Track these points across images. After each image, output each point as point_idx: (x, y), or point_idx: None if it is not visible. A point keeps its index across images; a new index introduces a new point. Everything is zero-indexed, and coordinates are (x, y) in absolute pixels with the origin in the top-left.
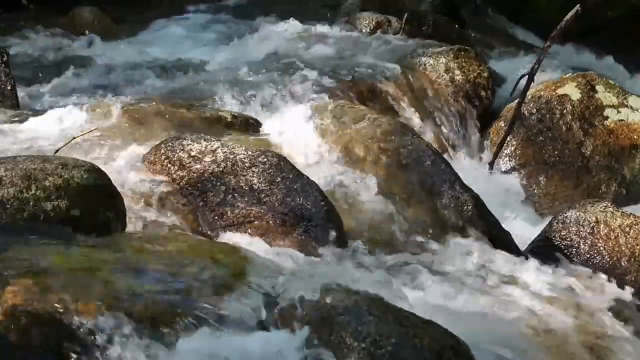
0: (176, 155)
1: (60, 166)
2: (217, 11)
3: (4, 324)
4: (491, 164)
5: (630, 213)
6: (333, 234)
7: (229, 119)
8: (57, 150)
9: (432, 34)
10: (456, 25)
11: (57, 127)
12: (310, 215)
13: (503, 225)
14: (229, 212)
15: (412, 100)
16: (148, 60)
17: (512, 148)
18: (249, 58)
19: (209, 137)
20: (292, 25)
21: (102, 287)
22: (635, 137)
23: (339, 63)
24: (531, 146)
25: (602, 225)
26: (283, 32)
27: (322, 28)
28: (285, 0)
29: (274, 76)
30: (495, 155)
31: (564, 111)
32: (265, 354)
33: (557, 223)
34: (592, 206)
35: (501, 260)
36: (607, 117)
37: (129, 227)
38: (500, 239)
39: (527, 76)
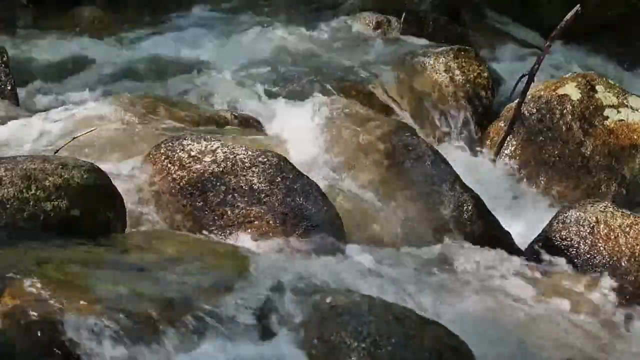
0: (176, 155)
1: (60, 166)
2: (217, 11)
3: (3, 325)
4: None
5: (630, 213)
6: (333, 234)
7: (229, 119)
8: (57, 150)
9: (432, 34)
10: (456, 25)
11: (57, 127)
12: (310, 215)
13: (503, 225)
14: (229, 212)
15: (412, 100)
16: (148, 60)
17: (512, 148)
18: (249, 58)
19: (209, 137)
20: (292, 26)
21: (103, 287)
22: (635, 137)
23: (339, 63)
24: (531, 146)
25: (602, 225)
26: (283, 32)
27: (322, 28)
28: (285, 0)
29: (274, 76)
30: (495, 155)
31: (564, 111)
32: (265, 354)
33: (557, 223)
34: (592, 206)
35: (501, 260)
36: (607, 117)
37: (129, 227)
38: (500, 239)
39: (527, 76)
